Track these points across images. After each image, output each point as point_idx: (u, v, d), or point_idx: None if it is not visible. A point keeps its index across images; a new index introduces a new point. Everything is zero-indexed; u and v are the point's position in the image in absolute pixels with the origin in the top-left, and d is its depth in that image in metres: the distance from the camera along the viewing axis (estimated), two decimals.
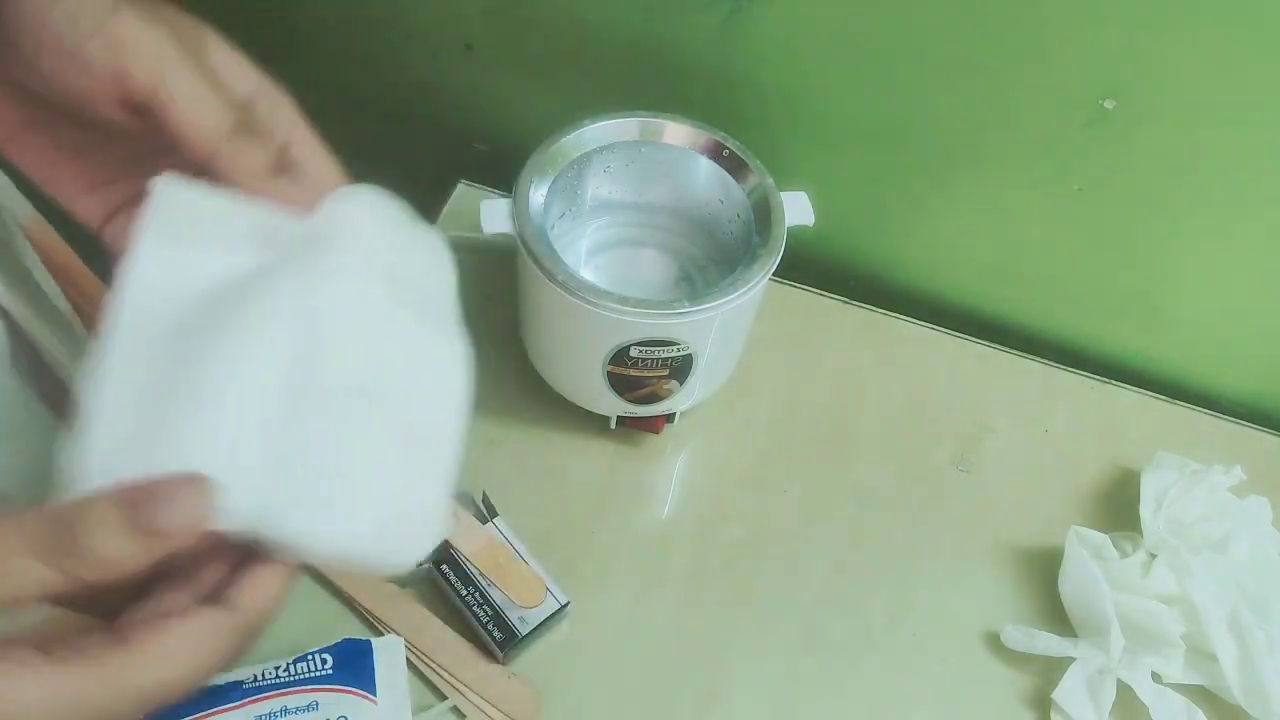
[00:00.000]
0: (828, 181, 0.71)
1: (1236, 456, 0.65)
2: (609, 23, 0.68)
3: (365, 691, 0.50)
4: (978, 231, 0.72)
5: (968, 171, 0.68)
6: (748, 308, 0.58)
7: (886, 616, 0.61)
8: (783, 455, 0.67)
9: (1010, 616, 0.61)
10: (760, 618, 0.60)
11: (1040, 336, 0.77)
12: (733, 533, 0.63)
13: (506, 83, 0.75)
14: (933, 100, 0.65)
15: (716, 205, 0.63)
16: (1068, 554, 0.61)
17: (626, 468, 0.65)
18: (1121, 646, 0.56)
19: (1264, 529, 0.62)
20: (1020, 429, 0.70)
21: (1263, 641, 0.56)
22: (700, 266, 0.67)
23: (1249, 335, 0.72)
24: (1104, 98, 0.60)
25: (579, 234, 0.67)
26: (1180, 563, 0.58)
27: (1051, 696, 0.57)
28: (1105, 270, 0.71)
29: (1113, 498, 0.67)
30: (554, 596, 0.56)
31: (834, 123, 0.69)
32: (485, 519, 0.59)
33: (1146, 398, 0.73)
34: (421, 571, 0.58)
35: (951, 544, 0.64)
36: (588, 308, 0.54)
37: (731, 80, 0.68)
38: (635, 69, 0.70)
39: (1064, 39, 0.58)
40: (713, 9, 0.64)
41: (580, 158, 0.60)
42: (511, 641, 0.54)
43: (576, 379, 0.62)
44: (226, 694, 0.49)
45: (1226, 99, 0.58)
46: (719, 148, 0.61)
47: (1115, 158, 0.63)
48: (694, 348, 0.57)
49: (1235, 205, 0.64)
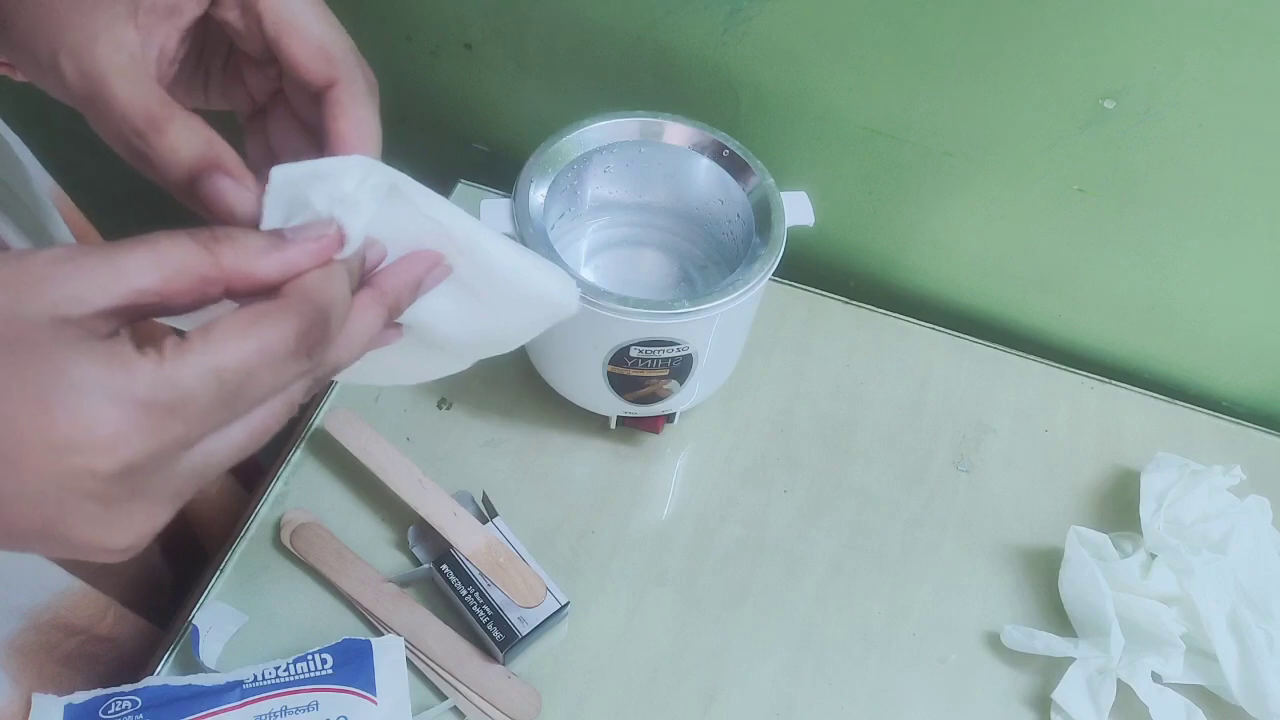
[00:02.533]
0: (828, 181, 0.71)
1: (1236, 456, 0.65)
2: (609, 23, 0.68)
3: (365, 691, 0.50)
4: (978, 231, 0.72)
5: (968, 171, 0.68)
6: (748, 308, 0.58)
7: (886, 616, 0.61)
8: (783, 455, 0.67)
9: (1010, 616, 0.61)
10: (760, 618, 0.60)
11: (1040, 336, 0.77)
12: (732, 533, 0.63)
13: (506, 83, 0.75)
14: (933, 100, 0.65)
15: (716, 205, 0.63)
16: (1068, 554, 0.61)
17: (626, 468, 0.65)
18: (1121, 646, 0.56)
19: (1264, 529, 0.62)
20: (1020, 429, 0.70)
21: (1262, 641, 0.56)
22: (700, 266, 0.67)
23: (1249, 335, 0.72)
24: (1104, 98, 0.60)
25: (579, 234, 0.67)
26: (1180, 563, 0.58)
27: (1051, 696, 0.57)
28: (1105, 270, 0.71)
29: (1113, 498, 0.67)
30: (554, 596, 0.56)
31: (834, 123, 0.69)
32: (485, 519, 0.59)
33: (1146, 398, 0.73)
34: (421, 571, 0.58)
35: (951, 544, 0.64)
36: (588, 308, 0.54)
37: (731, 80, 0.68)
38: (635, 69, 0.70)
39: (1064, 39, 0.58)
40: (713, 9, 0.64)
41: (580, 158, 0.60)
42: (511, 641, 0.54)
43: (576, 379, 0.62)
44: (226, 694, 0.49)
45: (1226, 99, 0.58)
46: (719, 148, 0.61)
47: (1115, 158, 0.63)
48: (694, 348, 0.57)
49: (1235, 205, 0.64)
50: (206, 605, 0.56)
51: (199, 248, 0.27)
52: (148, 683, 0.50)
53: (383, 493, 0.59)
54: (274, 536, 0.59)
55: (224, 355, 0.26)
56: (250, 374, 0.26)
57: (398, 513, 0.60)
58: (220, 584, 0.57)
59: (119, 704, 0.48)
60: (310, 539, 0.58)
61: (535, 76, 0.74)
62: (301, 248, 0.28)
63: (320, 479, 0.62)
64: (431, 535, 0.58)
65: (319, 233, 0.29)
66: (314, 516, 0.59)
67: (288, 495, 0.61)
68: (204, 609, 0.56)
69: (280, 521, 0.59)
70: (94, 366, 0.24)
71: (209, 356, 0.26)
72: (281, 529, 0.59)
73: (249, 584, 0.57)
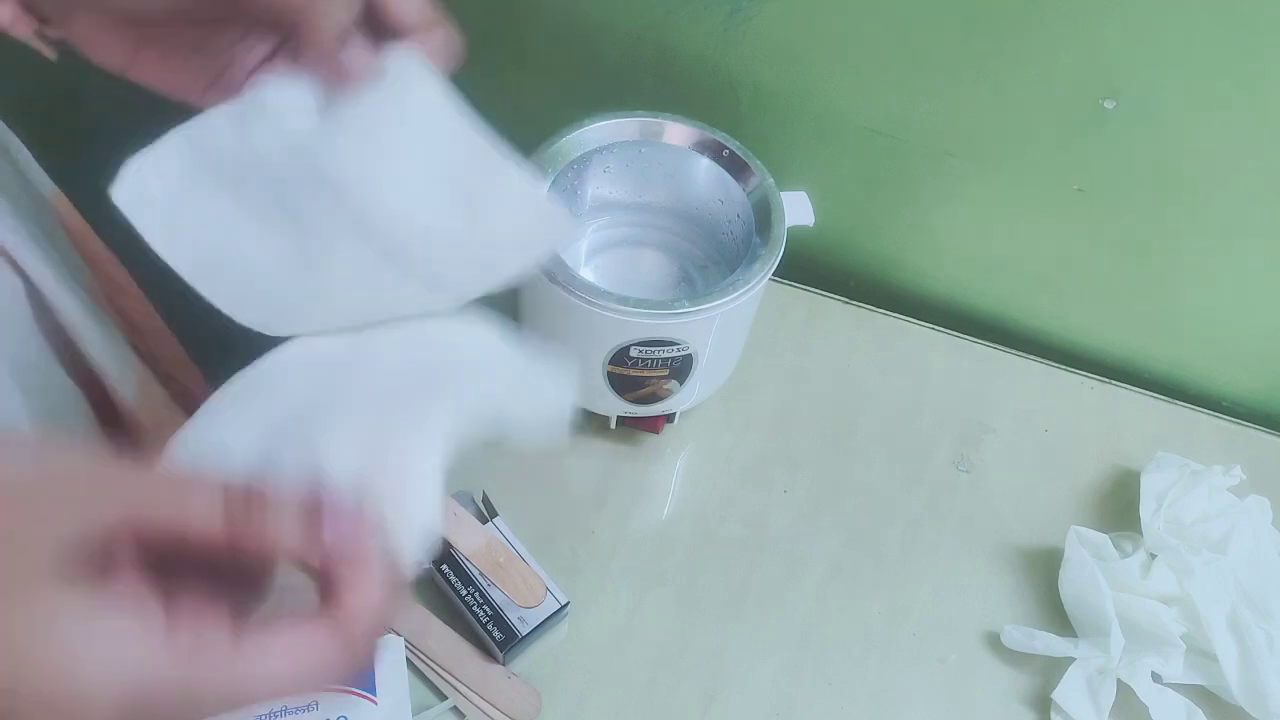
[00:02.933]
0: (828, 181, 0.71)
1: (1236, 456, 0.65)
2: (609, 23, 0.68)
3: (365, 691, 0.50)
4: (977, 231, 0.72)
5: (967, 171, 0.68)
6: (748, 308, 0.58)
7: (886, 616, 0.61)
8: (783, 455, 0.67)
9: (1010, 616, 0.61)
10: (760, 617, 0.60)
11: (1040, 336, 0.77)
12: (732, 533, 0.63)
13: (507, 83, 0.75)
14: (933, 100, 0.65)
15: (716, 205, 0.63)
16: (1068, 554, 0.61)
17: (626, 468, 0.65)
18: (1121, 646, 0.56)
19: (1264, 529, 0.62)
20: (1020, 429, 0.70)
21: (1262, 641, 0.56)
22: (700, 266, 0.67)
23: (1249, 335, 0.72)
24: (1104, 98, 0.60)
25: (579, 234, 0.67)
26: (1180, 563, 0.58)
27: (1051, 696, 0.57)
28: (1105, 270, 0.71)
29: (1113, 498, 0.67)
30: (554, 596, 0.56)
31: (834, 123, 0.69)
32: (485, 519, 0.59)
33: (1146, 398, 0.73)
34: (422, 572, 0.58)
35: (951, 544, 0.64)
36: (588, 308, 0.54)
37: (731, 80, 0.68)
38: (635, 69, 0.70)
39: (1064, 39, 0.58)
40: (713, 9, 0.64)
41: (580, 158, 0.60)
42: (511, 641, 0.54)
43: (576, 379, 0.62)
44: None
45: (1226, 99, 0.58)
46: (719, 148, 0.61)
47: (1115, 158, 0.63)
48: (694, 348, 0.57)
49: (1235, 205, 0.64)
50: None
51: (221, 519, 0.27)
52: None
53: None
54: None
55: (269, 678, 0.26)
56: (287, 694, 0.27)
57: None
58: None
59: None
60: None
61: (535, 76, 0.74)
62: (337, 546, 0.29)
63: None
64: None
65: (355, 524, 0.29)
66: None
67: None
68: None
69: None
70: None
71: (251, 673, 0.26)
72: None
73: None
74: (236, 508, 0.27)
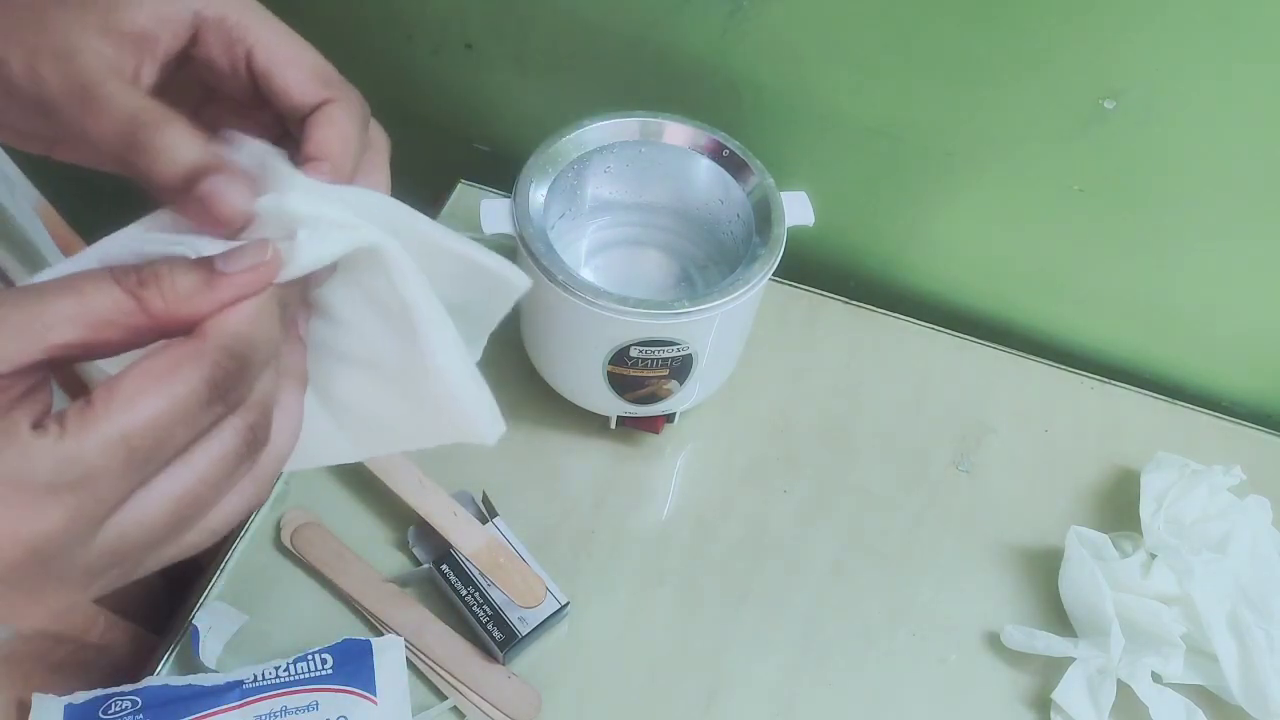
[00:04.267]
0: (828, 181, 0.71)
1: (1236, 456, 0.65)
2: (609, 23, 0.68)
3: (365, 691, 0.50)
4: (977, 231, 0.72)
5: (967, 171, 0.68)
6: (748, 308, 0.58)
7: (886, 616, 0.61)
8: (783, 455, 0.67)
9: (1010, 616, 0.61)
10: (759, 618, 0.60)
11: (1040, 336, 0.77)
12: (732, 533, 0.63)
13: (506, 83, 0.75)
14: (933, 100, 0.65)
15: (716, 205, 0.63)
16: (1068, 554, 0.61)
17: (626, 468, 0.65)
18: (1121, 646, 0.56)
19: (1264, 529, 0.62)
20: (1020, 429, 0.70)
21: (1263, 641, 0.56)
22: (700, 266, 0.67)
23: (1249, 335, 0.72)
24: (1104, 98, 0.60)
25: (579, 234, 0.67)
26: (1180, 563, 0.58)
27: (1051, 696, 0.57)
28: (1105, 270, 0.71)
29: (1113, 498, 0.67)
30: (554, 596, 0.56)
31: (834, 123, 0.69)
32: (485, 519, 0.59)
33: (1146, 398, 0.73)
34: (421, 571, 0.58)
35: (951, 544, 0.64)
36: (588, 308, 0.54)
37: (731, 80, 0.68)
38: (635, 69, 0.70)
39: (1064, 39, 0.58)
40: (713, 9, 0.64)
41: (580, 158, 0.60)
42: (511, 641, 0.54)
43: (576, 379, 0.62)
44: (226, 694, 0.49)
45: (1226, 99, 0.58)
46: (719, 148, 0.61)
47: (1115, 158, 0.63)
48: (694, 348, 0.57)
49: (1235, 205, 0.64)
50: (206, 605, 0.56)
51: (125, 295, 0.25)
52: (148, 683, 0.50)
53: (383, 493, 0.59)
54: (274, 536, 0.59)
55: (132, 419, 0.24)
56: (161, 435, 0.24)
57: (398, 513, 0.60)
58: (220, 584, 0.57)
59: (119, 704, 0.48)
60: (310, 539, 0.58)
61: (536, 76, 0.74)
62: (233, 282, 0.26)
63: (320, 479, 0.61)
64: (431, 535, 0.58)
65: (254, 260, 0.27)
66: (314, 516, 0.59)
67: (288, 495, 0.61)
68: (204, 609, 0.56)
69: (280, 521, 0.59)
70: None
71: (114, 423, 0.24)
72: (282, 529, 0.59)
73: (249, 584, 0.57)
74: (129, 282, 0.25)
